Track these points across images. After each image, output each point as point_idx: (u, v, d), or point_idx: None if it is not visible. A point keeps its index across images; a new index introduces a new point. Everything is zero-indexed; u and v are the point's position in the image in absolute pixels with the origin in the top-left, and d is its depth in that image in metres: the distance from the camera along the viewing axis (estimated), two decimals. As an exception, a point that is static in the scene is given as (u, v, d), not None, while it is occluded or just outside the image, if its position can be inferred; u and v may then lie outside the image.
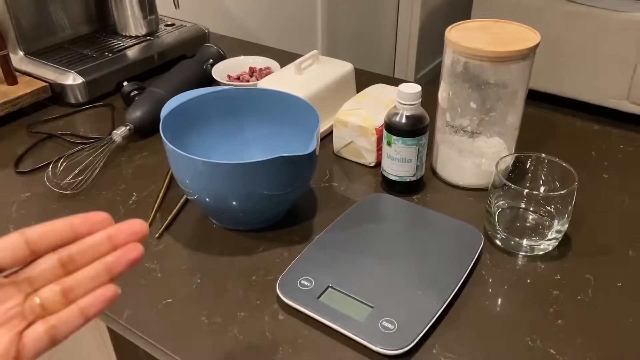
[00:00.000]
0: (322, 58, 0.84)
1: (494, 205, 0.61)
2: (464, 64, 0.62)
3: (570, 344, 0.50)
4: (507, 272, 0.58)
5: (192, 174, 0.57)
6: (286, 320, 0.52)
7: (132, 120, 0.78)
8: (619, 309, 0.53)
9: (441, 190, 0.70)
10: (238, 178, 0.56)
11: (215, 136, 0.70)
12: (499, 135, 0.67)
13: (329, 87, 0.80)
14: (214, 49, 0.95)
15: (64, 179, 0.70)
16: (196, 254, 0.60)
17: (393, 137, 0.65)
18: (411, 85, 0.64)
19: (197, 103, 0.67)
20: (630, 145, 0.78)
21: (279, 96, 0.68)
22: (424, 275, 0.55)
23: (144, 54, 0.97)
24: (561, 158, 0.61)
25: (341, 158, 0.77)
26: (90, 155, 0.74)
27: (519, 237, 0.59)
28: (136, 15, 0.99)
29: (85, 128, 0.84)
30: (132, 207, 0.68)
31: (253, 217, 0.62)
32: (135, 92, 0.85)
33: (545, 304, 0.54)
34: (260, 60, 0.93)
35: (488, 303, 0.54)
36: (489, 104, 0.64)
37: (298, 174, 0.60)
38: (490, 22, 0.67)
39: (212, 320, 0.52)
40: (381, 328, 0.49)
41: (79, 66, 0.90)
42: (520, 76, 0.63)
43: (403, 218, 0.64)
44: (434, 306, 0.51)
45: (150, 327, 0.52)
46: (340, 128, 0.75)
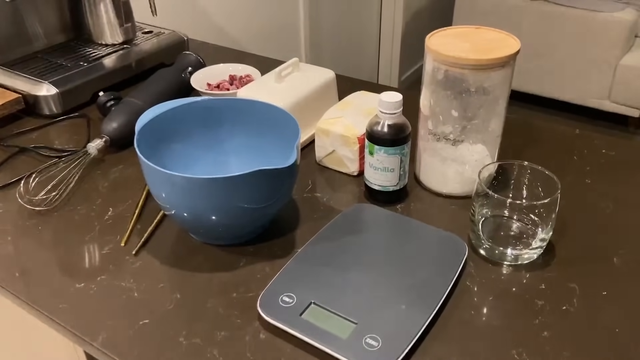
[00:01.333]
0: (303, 65, 0.83)
1: (477, 213, 0.60)
2: (445, 71, 0.61)
3: (557, 356, 0.49)
4: (492, 282, 0.57)
5: (168, 188, 0.56)
6: (268, 340, 0.51)
7: (108, 132, 0.76)
8: (605, 319, 0.52)
9: (425, 199, 0.69)
10: (216, 193, 0.55)
11: (194, 148, 0.68)
12: (481, 142, 0.66)
13: (310, 95, 0.78)
14: (193, 57, 0.93)
15: (37, 195, 0.68)
16: (174, 271, 0.59)
17: (375, 147, 0.64)
18: (392, 94, 0.63)
19: (173, 114, 0.65)
20: (612, 150, 0.78)
21: (258, 106, 0.67)
22: (408, 288, 0.54)
23: (121, 62, 0.95)
24: (544, 164, 0.61)
25: (324, 167, 0.76)
26: (64, 169, 0.72)
27: (503, 246, 0.59)
28: (112, 23, 0.97)
29: (60, 140, 0.82)
30: (108, 222, 0.66)
31: (233, 231, 0.61)
32: (111, 102, 0.83)
33: (530, 315, 0.53)
34: (240, 68, 0.92)
35: (473, 315, 0.53)
36: (470, 111, 0.63)
37: (278, 187, 0.58)
38: (470, 29, 0.66)
39: (190, 341, 0.51)
40: (365, 345, 0.48)
41: (53, 76, 0.88)
42: (501, 83, 0.62)
43: (386, 229, 0.62)
44: (418, 320, 0.50)
45: (126, 350, 0.50)
46: (322, 137, 0.73)
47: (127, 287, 0.57)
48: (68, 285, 0.57)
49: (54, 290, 0.57)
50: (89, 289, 0.57)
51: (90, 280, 0.58)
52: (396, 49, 2.51)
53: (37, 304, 0.55)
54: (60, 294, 0.56)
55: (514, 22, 2.31)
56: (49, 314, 0.54)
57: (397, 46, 2.50)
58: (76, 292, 0.56)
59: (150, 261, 0.60)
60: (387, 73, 2.58)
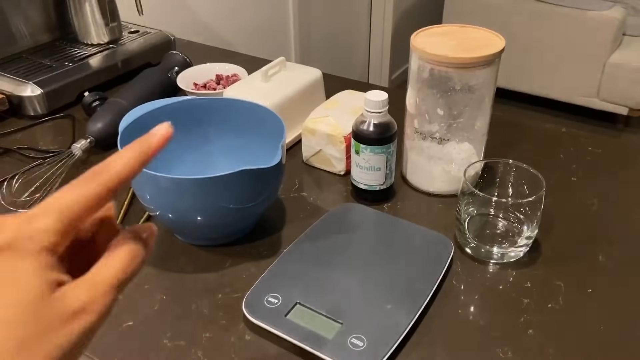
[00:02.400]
0: (290, 65, 0.83)
1: (463, 212, 0.60)
2: (430, 70, 0.61)
3: (542, 354, 0.49)
4: (478, 280, 0.57)
5: (152, 189, 0.55)
6: (253, 341, 0.51)
7: (93, 133, 0.75)
8: (590, 316, 0.53)
9: (412, 198, 0.69)
10: (200, 193, 0.54)
11: (180, 148, 0.68)
12: (468, 141, 0.66)
13: (297, 94, 0.78)
14: (179, 57, 0.93)
15: (20, 197, 0.67)
16: (159, 272, 0.58)
17: (361, 146, 0.64)
18: (378, 93, 0.62)
19: (157, 114, 0.65)
20: (599, 147, 0.78)
21: (243, 106, 0.66)
22: (393, 287, 0.54)
23: (107, 62, 0.94)
24: (530, 161, 0.61)
25: (311, 167, 0.75)
26: (48, 170, 0.71)
27: (489, 244, 0.59)
28: (97, 23, 0.96)
29: (44, 141, 0.81)
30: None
31: (219, 231, 0.60)
32: (96, 102, 0.83)
33: (516, 313, 0.53)
34: (227, 67, 0.91)
35: (459, 314, 0.53)
36: (456, 110, 0.63)
37: (264, 187, 0.58)
38: (455, 28, 0.66)
39: (175, 343, 0.50)
40: (350, 345, 0.48)
41: (37, 77, 0.87)
42: (487, 81, 0.62)
43: (373, 228, 0.62)
44: (404, 320, 0.50)
45: (110, 353, 0.50)
46: (308, 136, 0.73)
47: (111, 289, 0.56)
48: (51, 287, 0.56)
49: (36, 293, 0.56)
50: (72, 291, 0.56)
51: (74, 282, 0.57)
52: (386, 48, 2.51)
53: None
54: (43, 296, 0.55)
55: (503, 21, 2.32)
56: (31, 317, 0.53)
57: (387, 45, 2.50)
58: (59, 295, 0.56)
59: (135, 263, 0.59)
60: (378, 72, 2.58)
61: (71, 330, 0.24)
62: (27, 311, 0.23)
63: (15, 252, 0.24)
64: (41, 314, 0.24)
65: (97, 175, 0.27)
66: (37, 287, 0.24)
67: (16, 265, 0.24)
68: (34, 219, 0.25)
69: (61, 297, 0.25)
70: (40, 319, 0.24)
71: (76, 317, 0.25)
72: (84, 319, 0.25)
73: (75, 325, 0.24)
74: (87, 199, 0.26)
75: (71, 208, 0.26)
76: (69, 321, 0.24)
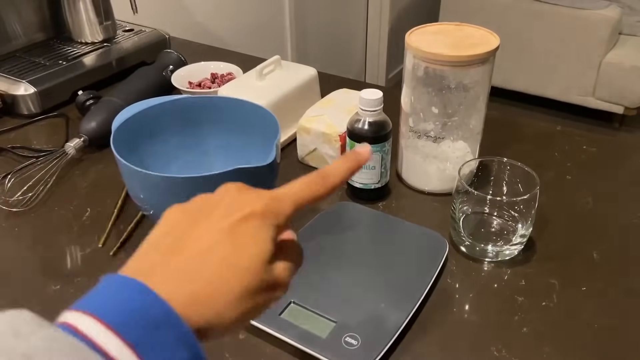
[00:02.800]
0: (285, 63, 0.83)
1: (458, 211, 0.60)
2: (425, 68, 0.61)
3: (536, 352, 0.49)
4: (473, 279, 0.57)
5: (146, 188, 0.55)
6: (247, 340, 0.50)
7: (87, 132, 0.75)
8: (584, 314, 0.53)
9: (407, 197, 0.69)
10: (194, 192, 0.53)
11: (174, 147, 0.67)
12: (462, 139, 0.66)
13: (292, 93, 0.78)
14: (174, 55, 0.92)
15: (14, 196, 0.67)
16: (153, 272, 0.58)
17: (356, 144, 0.64)
18: (372, 92, 0.62)
19: (151, 113, 0.64)
20: (593, 146, 0.78)
21: (238, 104, 0.66)
22: (388, 286, 0.54)
23: (101, 61, 0.93)
24: (525, 160, 0.61)
25: (306, 165, 0.75)
26: (41, 169, 0.71)
27: (484, 243, 0.59)
28: (91, 21, 0.95)
29: (38, 140, 0.81)
30: (86, 223, 0.65)
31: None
32: (90, 101, 0.82)
33: (510, 312, 0.53)
34: (222, 66, 0.91)
35: (453, 312, 0.53)
36: (450, 108, 0.63)
37: (258, 186, 0.57)
38: (451, 26, 0.66)
39: (168, 343, 0.50)
40: (344, 344, 0.48)
41: (31, 75, 0.86)
42: (481, 80, 0.62)
43: (367, 227, 0.62)
44: (398, 319, 0.50)
45: (103, 353, 0.49)
46: (303, 135, 0.73)
47: (105, 288, 0.56)
48: (44, 287, 0.56)
49: (30, 293, 0.56)
50: (65, 291, 0.56)
51: (67, 282, 0.57)
52: (383, 47, 2.51)
53: (13, 306, 0.54)
54: (37, 296, 0.55)
55: (499, 19, 2.32)
56: (24, 317, 0.53)
57: (384, 44, 2.50)
58: (53, 294, 0.55)
59: (129, 262, 0.59)
60: (374, 71, 2.58)
61: (270, 296, 0.29)
62: (257, 267, 0.28)
63: (264, 220, 0.29)
64: (262, 274, 0.28)
65: (324, 180, 0.32)
66: (268, 252, 0.29)
67: (262, 229, 0.29)
68: (281, 201, 0.30)
69: (274, 268, 0.30)
70: (260, 277, 0.28)
71: (276, 288, 0.30)
72: (279, 293, 0.30)
73: (273, 294, 0.30)
74: (313, 198, 0.31)
75: (302, 203, 0.31)
76: (271, 289, 0.29)
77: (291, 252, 0.32)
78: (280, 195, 0.30)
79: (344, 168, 0.33)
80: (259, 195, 0.30)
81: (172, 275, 0.27)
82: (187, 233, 0.29)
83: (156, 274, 0.27)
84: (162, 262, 0.28)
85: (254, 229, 0.29)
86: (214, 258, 0.28)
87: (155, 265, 0.27)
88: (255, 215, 0.29)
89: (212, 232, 0.28)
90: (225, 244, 0.28)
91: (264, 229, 0.29)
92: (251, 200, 0.30)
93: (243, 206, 0.29)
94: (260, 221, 0.29)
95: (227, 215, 0.29)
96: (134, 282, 0.26)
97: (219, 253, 0.28)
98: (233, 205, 0.30)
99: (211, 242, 0.28)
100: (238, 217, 0.29)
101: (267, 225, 0.29)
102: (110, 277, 0.26)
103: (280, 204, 0.30)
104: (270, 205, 0.30)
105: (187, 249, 0.28)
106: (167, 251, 0.28)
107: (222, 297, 0.27)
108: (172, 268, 0.27)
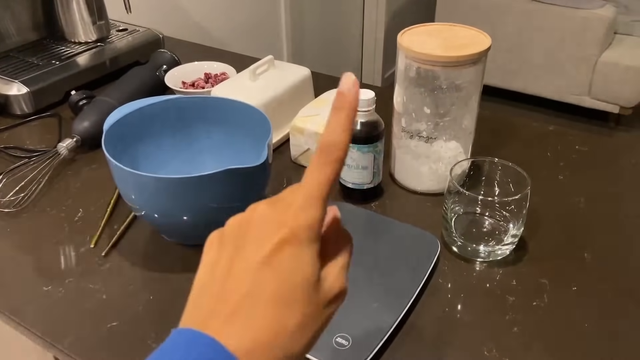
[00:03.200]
0: (278, 63, 0.83)
1: (450, 211, 0.60)
2: (417, 69, 0.61)
3: (526, 352, 0.49)
4: (464, 279, 0.57)
5: (137, 189, 0.55)
6: (238, 340, 0.50)
7: (79, 132, 0.75)
8: (574, 314, 0.53)
9: (399, 197, 0.69)
10: (185, 193, 0.54)
11: (166, 147, 0.67)
12: (455, 139, 0.66)
13: (285, 93, 0.78)
14: (167, 55, 0.92)
15: (6, 196, 0.67)
16: (145, 272, 0.58)
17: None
18: (364, 92, 0.62)
19: (143, 113, 0.64)
20: (585, 146, 0.78)
21: (230, 104, 0.66)
22: (379, 286, 0.54)
23: (94, 61, 0.93)
24: (517, 160, 0.61)
25: (299, 166, 0.75)
26: (34, 169, 0.70)
27: (476, 243, 0.59)
28: (85, 21, 0.95)
29: (31, 140, 0.81)
30: (78, 223, 0.64)
31: (205, 231, 0.60)
32: (83, 101, 0.82)
33: (501, 311, 0.53)
34: (215, 66, 0.91)
35: (444, 313, 0.53)
36: (442, 108, 0.63)
37: (250, 186, 0.58)
38: (443, 27, 0.66)
39: (159, 343, 0.50)
40: (335, 344, 0.48)
41: (24, 75, 0.86)
42: (473, 80, 0.62)
43: (360, 227, 0.62)
44: (389, 319, 0.50)
45: (94, 353, 0.49)
46: (296, 135, 0.73)
47: (96, 289, 0.56)
48: (35, 288, 0.56)
49: (21, 293, 0.55)
50: (56, 291, 0.56)
51: (58, 282, 0.57)
52: (379, 47, 2.51)
53: (3, 307, 0.54)
54: (28, 296, 0.55)
55: (495, 20, 2.32)
56: (15, 318, 0.53)
57: (380, 44, 2.50)
58: (44, 295, 0.55)
59: (121, 262, 0.59)
60: (371, 71, 2.58)
61: (329, 313, 0.28)
62: (308, 293, 0.27)
63: (299, 242, 0.27)
64: (315, 297, 0.27)
65: (330, 154, 0.28)
66: (315, 274, 0.28)
67: (301, 252, 0.27)
68: (307, 208, 0.28)
69: (325, 281, 0.28)
70: (314, 301, 0.27)
71: (333, 303, 0.29)
72: (336, 305, 0.29)
73: (331, 310, 0.29)
74: (333, 179, 0.28)
75: (326, 193, 0.28)
76: (328, 305, 0.28)
77: (340, 241, 0.30)
78: (303, 204, 0.28)
79: (339, 124, 0.28)
80: (284, 213, 0.28)
81: (230, 323, 0.26)
82: (228, 273, 0.28)
83: (213, 322, 0.26)
84: (216, 308, 0.27)
85: (291, 257, 0.27)
86: (262, 299, 0.26)
87: (209, 314, 0.27)
88: (287, 241, 0.27)
89: (250, 270, 0.27)
90: (268, 281, 0.27)
91: (302, 252, 0.27)
92: (278, 223, 0.28)
93: (272, 233, 0.27)
94: (295, 245, 0.27)
95: (260, 247, 0.27)
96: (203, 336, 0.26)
97: (264, 292, 0.27)
98: (262, 231, 0.28)
99: (253, 282, 0.27)
100: (271, 248, 0.27)
101: (304, 245, 0.27)
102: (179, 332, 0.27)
103: (308, 214, 0.28)
104: (298, 221, 0.27)
105: (233, 292, 0.27)
106: (218, 296, 0.27)
107: (281, 336, 0.26)
108: (227, 314, 0.26)
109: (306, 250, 0.27)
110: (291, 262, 0.27)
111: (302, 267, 0.27)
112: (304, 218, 0.28)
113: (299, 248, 0.27)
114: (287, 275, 0.27)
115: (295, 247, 0.27)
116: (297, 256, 0.27)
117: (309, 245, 0.28)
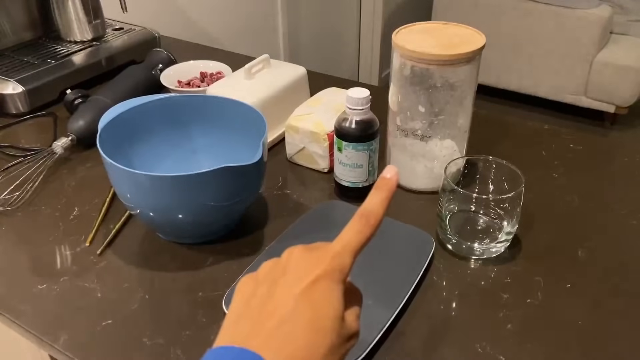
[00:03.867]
0: (274, 62, 0.83)
1: (444, 209, 0.60)
2: (411, 67, 0.62)
3: (520, 349, 0.49)
4: (459, 277, 0.57)
5: (133, 188, 0.55)
6: (233, 338, 0.50)
7: (74, 130, 0.75)
8: (568, 311, 0.53)
9: (395, 195, 0.69)
10: (180, 191, 0.54)
11: (161, 146, 0.67)
12: (450, 137, 0.67)
13: (281, 92, 0.78)
14: (163, 54, 0.92)
15: (0, 195, 0.67)
16: (140, 271, 0.58)
17: (343, 143, 0.64)
18: (359, 90, 0.62)
19: (139, 112, 0.64)
20: (580, 144, 0.79)
21: (225, 103, 0.66)
22: (374, 283, 0.54)
23: (90, 60, 0.93)
24: (512, 158, 0.61)
25: (294, 164, 0.75)
26: (28, 168, 0.70)
27: (470, 240, 0.59)
28: (80, 20, 0.95)
29: (26, 139, 0.80)
30: (73, 222, 0.64)
31: (200, 229, 0.60)
32: (78, 100, 0.82)
33: (495, 309, 0.53)
34: (211, 65, 0.91)
35: (439, 310, 0.53)
36: (437, 107, 0.63)
37: (245, 184, 0.58)
38: (438, 25, 0.66)
39: (154, 341, 0.50)
40: (329, 342, 0.48)
41: (19, 74, 0.86)
42: (468, 79, 0.62)
43: (355, 225, 0.62)
44: (384, 316, 0.50)
45: (88, 351, 0.49)
46: (291, 134, 0.73)
47: (91, 287, 0.56)
48: (30, 286, 0.56)
49: (15, 292, 0.55)
50: (51, 290, 0.56)
51: (53, 281, 0.57)
52: (376, 46, 2.51)
53: (-3, 306, 0.54)
54: (22, 295, 0.55)
55: (491, 19, 2.33)
56: (9, 316, 0.53)
57: (377, 43, 2.50)
58: (38, 293, 0.55)
59: (116, 261, 0.59)
60: (367, 70, 2.59)
61: (347, 347, 0.32)
62: (336, 326, 0.31)
63: (332, 279, 0.32)
64: (340, 330, 0.31)
65: (368, 220, 0.34)
66: (342, 310, 0.32)
67: (333, 288, 0.32)
68: (341, 257, 0.33)
69: (346, 320, 0.32)
70: (340, 333, 0.31)
71: (351, 339, 0.33)
72: (353, 341, 0.33)
73: (349, 345, 0.32)
74: (366, 242, 0.34)
75: (358, 250, 0.33)
76: (347, 340, 0.32)
77: (353, 297, 0.35)
78: (339, 251, 0.33)
79: (380, 200, 0.34)
80: (322, 256, 0.33)
81: (269, 342, 0.29)
82: (269, 299, 0.31)
83: (253, 341, 0.29)
84: (254, 329, 0.30)
85: (325, 291, 0.31)
86: (300, 322, 0.30)
87: (249, 333, 0.30)
88: (323, 277, 0.31)
89: (289, 297, 0.31)
90: (306, 308, 0.30)
91: (334, 289, 0.32)
92: (316, 262, 0.32)
93: (310, 270, 0.32)
94: (329, 282, 0.32)
95: (298, 280, 0.31)
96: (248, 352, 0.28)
97: (303, 317, 0.30)
98: (299, 268, 0.32)
99: (293, 307, 0.30)
100: (309, 281, 0.31)
101: (336, 283, 0.32)
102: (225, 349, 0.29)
103: (342, 260, 0.33)
104: (333, 263, 0.32)
105: (274, 314, 0.30)
106: (257, 318, 0.30)
107: (313, 358, 0.29)
108: (266, 334, 0.30)
109: (337, 287, 0.32)
110: (325, 296, 0.31)
111: (333, 301, 0.31)
112: (338, 262, 0.32)
113: (331, 285, 0.32)
114: (321, 307, 0.31)
115: (329, 284, 0.32)
116: (330, 291, 0.31)
117: (339, 285, 0.32)
